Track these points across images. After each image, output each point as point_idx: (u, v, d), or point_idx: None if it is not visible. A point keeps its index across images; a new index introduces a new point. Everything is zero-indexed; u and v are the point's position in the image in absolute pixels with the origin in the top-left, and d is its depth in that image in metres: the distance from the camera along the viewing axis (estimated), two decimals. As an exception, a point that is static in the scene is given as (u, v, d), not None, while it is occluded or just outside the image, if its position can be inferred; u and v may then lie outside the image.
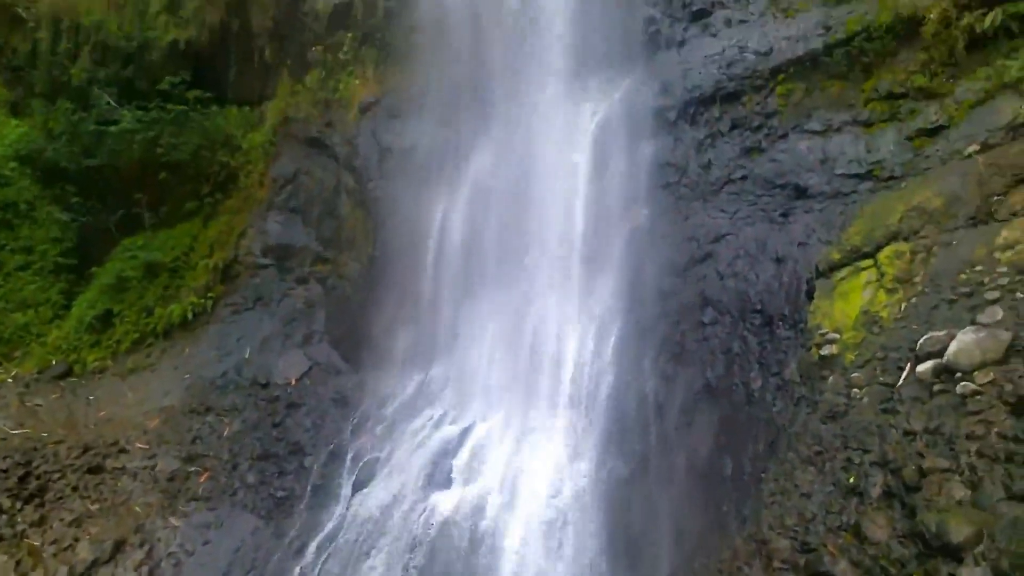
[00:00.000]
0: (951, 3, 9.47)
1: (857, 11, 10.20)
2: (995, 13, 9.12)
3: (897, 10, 9.88)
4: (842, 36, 10.17)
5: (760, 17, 10.94)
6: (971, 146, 8.77)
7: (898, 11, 9.88)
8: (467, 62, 12.23)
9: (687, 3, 11.51)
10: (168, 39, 15.81)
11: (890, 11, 9.93)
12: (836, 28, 10.24)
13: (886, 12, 9.95)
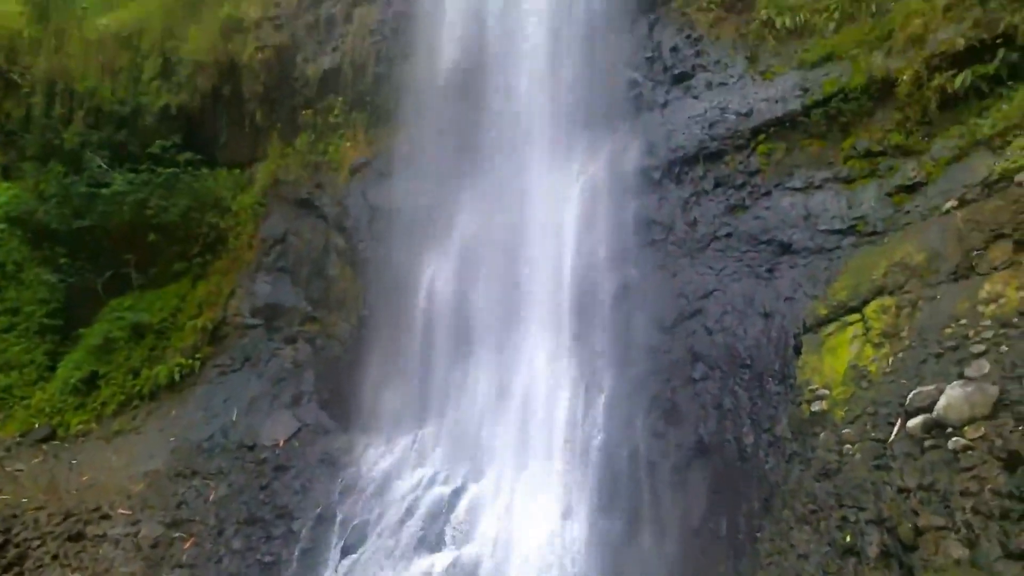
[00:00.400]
0: (922, 65, 9.75)
1: (832, 73, 10.47)
2: (964, 74, 9.40)
3: (871, 72, 10.16)
4: (819, 97, 10.41)
5: (739, 80, 11.21)
6: (949, 202, 8.90)
7: (872, 73, 10.15)
8: (456, 123, 12.41)
9: (668, 66, 11.78)
10: (160, 104, 16.02)
11: (864, 73, 10.20)
12: (813, 90, 10.49)
13: (860, 74, 10.22)
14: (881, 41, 10.29)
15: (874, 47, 10.30)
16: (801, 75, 10.72)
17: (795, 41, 11.10)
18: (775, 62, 11.09)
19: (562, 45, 11.77)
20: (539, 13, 12.01)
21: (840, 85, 10.29)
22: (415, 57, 13.13)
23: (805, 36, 11.05)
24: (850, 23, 10.84)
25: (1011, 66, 9.14)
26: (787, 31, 11.20)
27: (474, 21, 12.58)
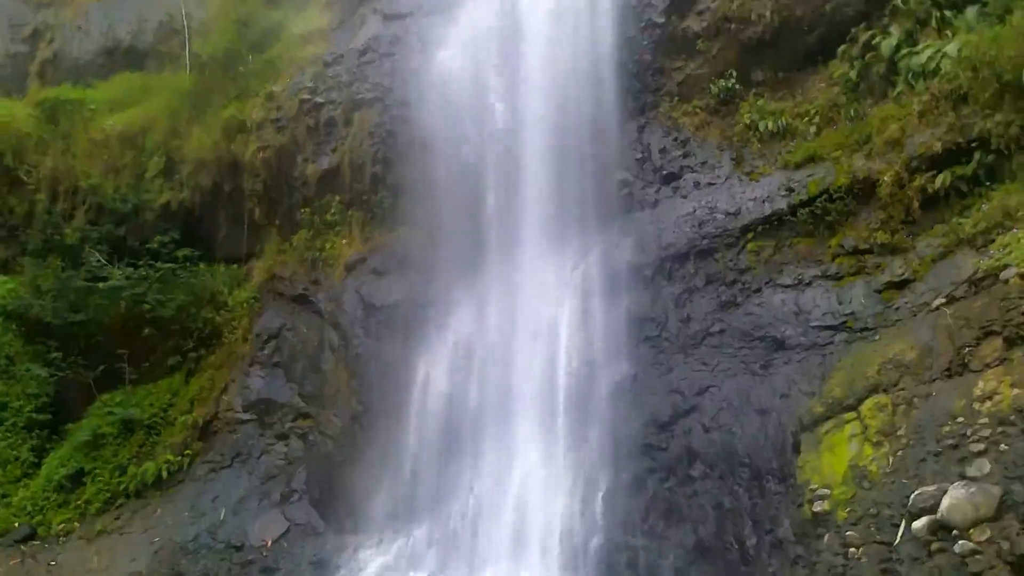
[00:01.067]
0: (902, 167, 10.02)
1: (816, 174, 10.73)
2: (944, 176, 9.65)
3: (853, 173, 10.42)
4: (805, 197, 10.64)
5: (726, 180, 11.48)
6: (938, 299, 8.95)
7: (854, 174, 10.41)
8: (450, 222, 12.58)
9: (658, 167, 12.10)
10: (162, 201, 16.22)
11: (847, 174, 10.46)
12: (798, 190, 10.73)
13: (843, 175, 10.48)
14: (861, 144, 10.61)
15: (854, 150, 10.62)
16: (786, 176, 10.98)
17: (778, 143, 11.44)
18: (760, 163, 11.39)
19: (557, 147, 12.06)
20: (539, 118, 12.36)
21: (824, 186, 10.53)
22: (412, 158, 13.40)
23: (788, 139, 11.41)
24: (830, 127, 11.21)
25: (988, 168, 9.41)
26: (770, 134, 11.56)
27: (474, 124, 12.95)
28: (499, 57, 13.09)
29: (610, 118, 12.25)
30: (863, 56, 11.08)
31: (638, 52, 12.55)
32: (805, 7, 11.61)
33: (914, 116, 10.09)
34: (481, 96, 12.94)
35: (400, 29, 14.53)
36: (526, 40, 12.92)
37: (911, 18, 10.70)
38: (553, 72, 12.44)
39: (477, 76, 13.11)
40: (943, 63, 9.93)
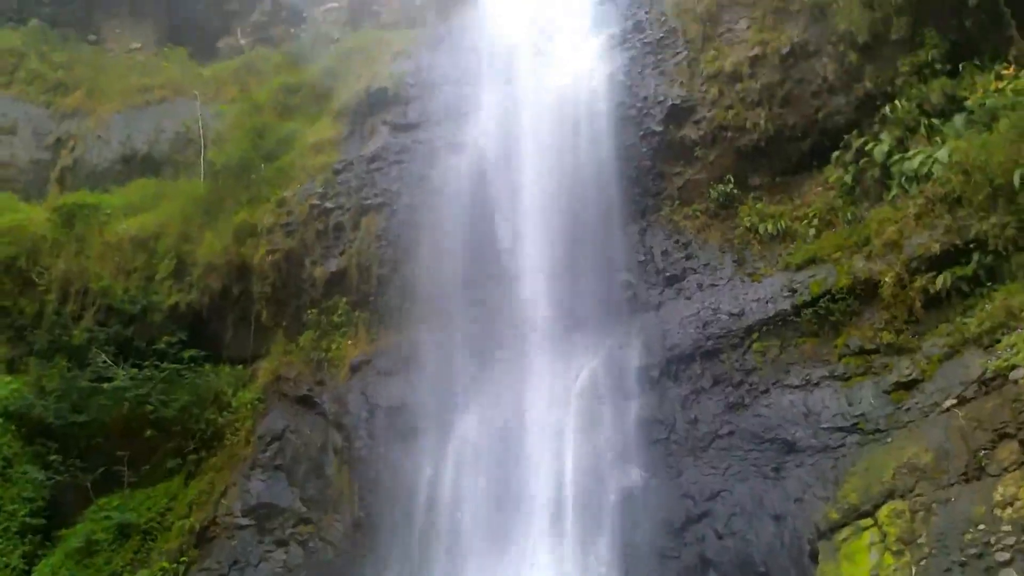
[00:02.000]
0: (902, 268, 10.02)
1: (818, 275, 10.74)
2: (944, 276, 9.63)
3: (854, 274, 10.42)
4: (807, 298, 10.61)
5: (729, 281, 11.50)
6: (948, 399, 8.76)
7: (855, 274, 10.42)
8: (456, 322, 12.54)
9: (660, 269, 12.15)
10: (170, 303, 16.19)
11: (848, 275, 10.46)
12: (801, 291, 10.71)
13: (845, 276, 10.48)
14: (860, 246, 10.67)
15: (854, 251, 10.67)
16: (788, 277, 10.99)
17: (779, 245, 11.52)
18: (761, 265, 11.43)
19: (560, 249, 12.16)
20: (541, 221, 12.50)
21: (826, 286, 10.52)
22: (419, 261, 13.50)
23: (788, 241, 11.50)
24: (829, 229, 11.32)
25: (987, 268, 9.41)
26: (770, 236, 11.67)
27: (479, 231, 13.10)
28: (502, 164, 13.40)
29: (612, 221, 12.42)
30: (857, 161, 11.32)
31: (638, 158, 12.85)
32: (797, 116, 11.96)
33: (911, 218, 10.18)
34: (485, 201, 13.13)
35: (408, 139, 14.94)
36: (528, 147, 13.27)
37: (900, 126, 10.98)
38: (555, 177, 12.71)
39: (482, 181, 13.37)
40: (935, 168, 10.12)
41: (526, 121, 13.50)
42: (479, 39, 15.45)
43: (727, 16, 12.84)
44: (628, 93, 13.05)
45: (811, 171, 12.03)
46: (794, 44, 12.02)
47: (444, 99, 14.98)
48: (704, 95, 12.50)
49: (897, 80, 11.12)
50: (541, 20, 14.96)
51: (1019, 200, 9.11)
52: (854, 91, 11.56)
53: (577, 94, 13.26)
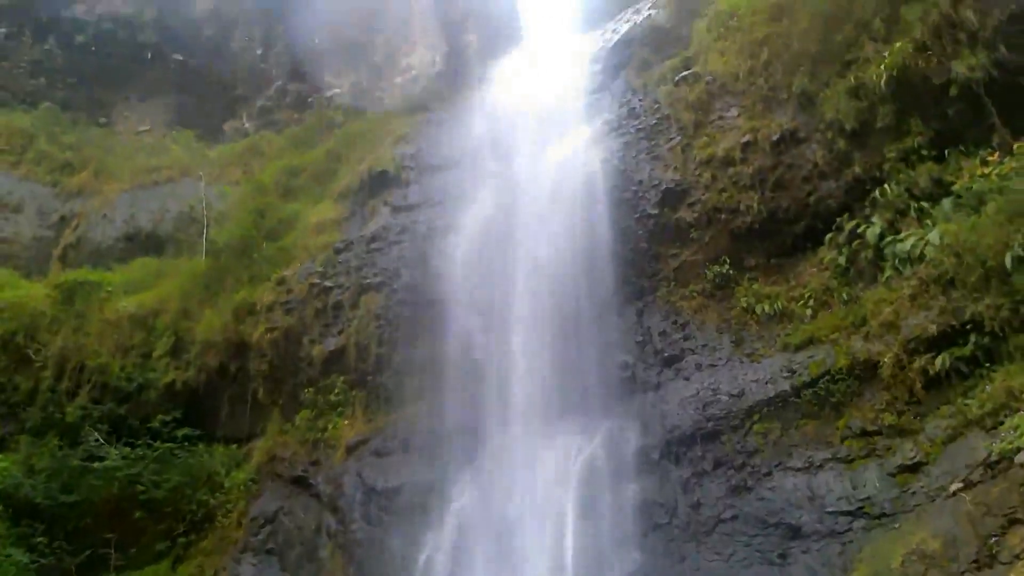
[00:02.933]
0: (900, 348, 9.94)
1: (817, 356, 10.64)
2: (943, 357, 9.54)
3: (853, 355, 10.32)
4: (807, 379, 10.48)
5: (728, 362, 11.37)
6: (955, 483, 8.54)
7: (854, 355, 10.32)
8: (454, 404, 12.32)
9: (659, 350, 12.03)
10: (167, 380, 15.95)
11: (847, 356, 10.36)
12: (800, 371, 10.59)
13: (843, 357, 10.38)
14: (857, 327, 10.61)
15: (852, 332, 10.60)
16: (787, 357, 10.88)
17: (776, 326, 11.45)
18: (760, 345, 11.33)
19: (559, 330, 12.07)
20: (539, 302, 12.45)
21: (826, 367, 10.40)
22: (417, 341, 13.37)
23: (785, 321, 11.43)
24: (825, 310, 11.27)
25: (985, 349, 9.32)
26: (767, 316, 11.61)
27: (477, 311, 13.03)
28: (500, 245, 13.46)
29: (609, 302, 12.39)
30: (850, 243, 11.36)
31: (634, 240, 12.90)
32: (790, 199, 12.08)
33: (906, 300, 10.16)
34: (484, 282, 13.12)
35: (408, 220, 15.05)
36: (526, 229, 13.36)
37: (891, 209, 11.07)
38: (553, 259, 12.75)
39: (480, 262, 13.39)
40: (927, 250, 10.14)
41: (524, 203, 13.65)
42: (478, 124, 15.79)
43: (718, 104, 13.13)
44: (623, 177, 13.22)
45: (805, 252, 12.05)
46: (784, 131, 12.23)
47: (444, 181, 15.20)
48: (698, 179, 12.65)
49: (885, 165, 11.27)
50: (538, 106, 15.30)
51: (1012, 282, 9.11)
52: (844, 176, 11.70)
53: (574, 178, 13.44)
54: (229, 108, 23.33)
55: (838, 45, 11.88)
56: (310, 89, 22.22)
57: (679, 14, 15.03)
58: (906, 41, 11.01)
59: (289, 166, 18.84)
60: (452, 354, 12.78)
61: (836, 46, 11.90)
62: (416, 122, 17.55)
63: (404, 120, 18.08)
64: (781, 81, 12.46)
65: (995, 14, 10.60)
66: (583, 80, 15.49)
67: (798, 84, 12.20)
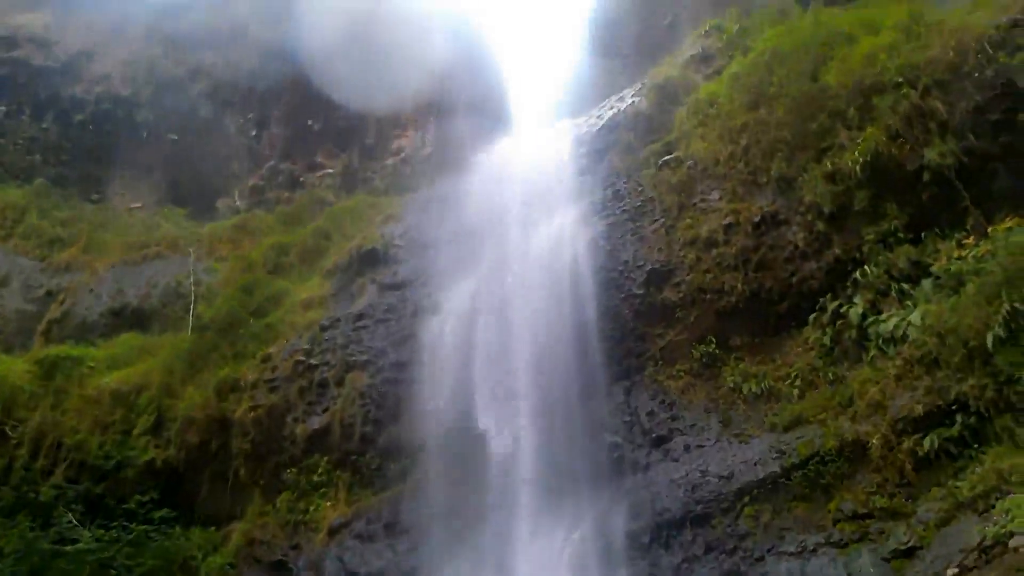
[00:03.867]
0: (888, 429, 9.82)
1: (805, 437, 10.47)
2: (931, 438, 9.42)
3: (841, 436, 10.18)
4: (797, 460, 10.29)
5: (716, 443, 11.17)
6: (950, 568, 8.30)
7: (842, 436, 10.17)
8: (438, 486, 11.97)
9: (647, 430, 11.81)
10: (146, 458, 15.43)
11: (835, 436, 10.21)
12: (789, 453, 10.40)
13: (832, 438, 10.23)
14: (844, 407, 10.51)
15: (839, 412, 10.49)
16: (775, 438, 10.71)
17: (764, 405, 11.33)
18: (748, 425, 11.17)
19: (545, 412, 11.88)
20: (526, 383, 12.34)
21: (815, 448, 10.23)
22: (402, 420, 13.08)
23: (772, 401, 11.31)
24: (812, 389, 11.18)
25: (972, 430, 9.22)
26: (754, 396, 11.50)
27: (463, 390, 12.80)
28: (487, 323, 13.37)
29: (597, 382, 12.25)
30: (833, 323, 11.38)
31: (620, 319, 12.86)
32: (773, 280, 12.15)
33: (891, 380, 10.11)
34: (470, 360, 12.96)
35: (396, 298, 14.96)
36: (513, 308, 13.31)
37: (872, 289, 11.14)
38: (539, 338, 12.67)
39: (467, 341, 13.27)
40: (910, 330, 10.18)
41: (511, 283, 13.65)
42: (467, 205, 15.94)
43: (700, 187, 13.35)
44: (610, 257, 13.29)
45: (790, 331, 12.04)
46: (764, 213, 12.42)
47: (431, 261, 15.20)
48: (682, 259, 12.74)
49: (864, 247, 11.41)
50: (525, 188, 15.53)
51: (995, 362, 9.12)
52: (824, 257, 11.82)
53: (561, 258, 13.51)
54: (222, 186, 23.47)
55: (814, 132, 12.22)
56: (302, 169, 22.49)
57: (661, 102, 15.47)
58: (879, 129, 11.37)
59: (279, 243, 18.82)
60: (437, 435, 12.48)
61: (812, 133, 12.25)
62: (406, 202, 17.72)
63: (394, 200, 18.27)
64: (760, 166, 12.73)
65: (962, 105, 11.00)
66: (570, 163, 15.79)
67: (776, 169, 12.47)
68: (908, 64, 11.44)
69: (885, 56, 11.76)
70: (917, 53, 11.49)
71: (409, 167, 20.08)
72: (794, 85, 12.71)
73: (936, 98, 11.07)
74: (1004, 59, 10.70)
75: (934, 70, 11.20)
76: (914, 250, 11.04)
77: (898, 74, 11.46)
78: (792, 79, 12.81)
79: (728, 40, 16.11)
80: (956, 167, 10.75)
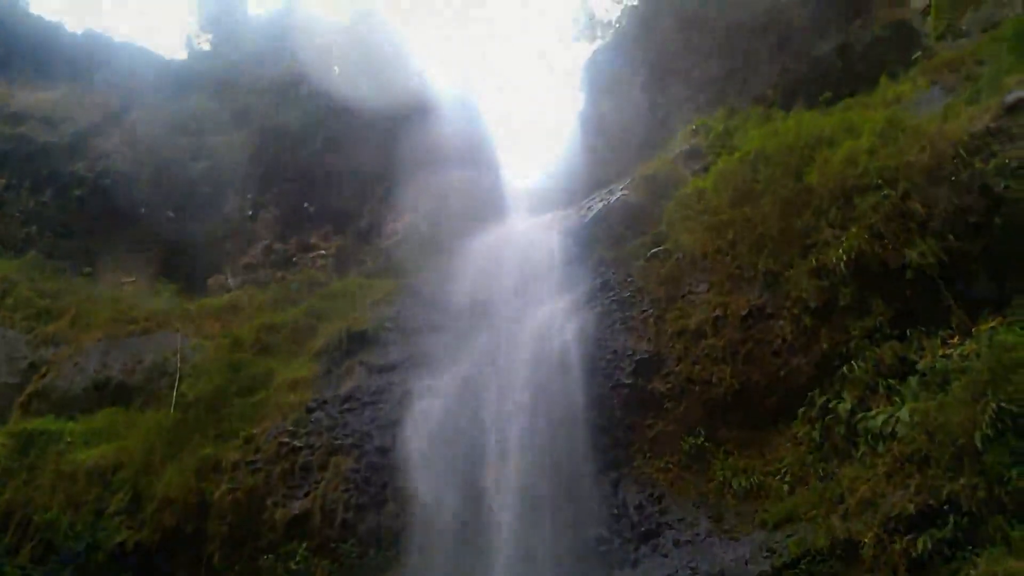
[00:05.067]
0: (880, 528, 9.53)
1: (796, 535, 10.17)
2: (924, 539, 9.15)
3: (833, 534, 9.87)
4: (788, 559, 9.94)
5: (706, 539, 10.83)
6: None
7: (834, 535, 9.86)
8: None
9: (635, 523, 11.46)
10: (117, 540, 14.76)
11: (827, 535, 9.90)
12: (780, 551, 10.08)
13: (823, 536, 9.91)
14: (835, 504, 10.25)
15: (830, 510, 10.20)
16: (766, 535, 10.41)
17: (754, 501, 11.06)
18: (737, 521, 10.87)
19: (531, 502, 11.56)
20: (511, 475, 12.04)
21: (806, 546, 9.91)
22: (386, 507, 12.68)
23: (762, 496, 11.06)
24: (802, 485, 10.93)
25: (965, 531, 8.98)
26: (744, 491, 11.24)
27: (448, 478, 12.48)
28: (474, 410, 13.18)
29: (585, 472, 11.98)
30: (823, 418, 11.23)
31: (608, 409, 12.70)
32: (760, 373, 12.10)
33: (881, 477, 9.90)
34: (456, 449, 12.70)
35: (384, 380, 14.77)
36: (501, 396, 13.16)
37: (860, 385, 11.06)
38: (527, 427, 12.46)
39: (454, 428, 13.03)
40: (899, 427, 10.04)
41: (500, 369, 13.53)
42: (457, 291, 15.99)
43: (688, 279, 13.48)
44: (598, 346, 13.25)
45: (779, 425, 11.88)
46: (752, 307, 12.49)
47: (421, 345, 15.10)
48: (671, 350, 12.72)
49: (851, 342, 11.42)
50: (516, 276, 15.64)
51: (984, 461, 8.99)
52: (812, 351, 11.81)
53: (551, 346, 13.47)
54: (215, 263, 23.53)
55: (799, 229, 12.46)
56: (296, 249, 22.63)
57: (651, 195, 15.84)
58: (861, 228, 11.58)
59: (268, 323, 18.67)
60: (421, 523, 12.05)
61: (797, 230, 12.48)
62: (398, 285, 17.75)
63: (386, 283, 18.30)
64: (747, 260, 12.89)
65: (940, 207, 11.26)
66: (560, 252, 15.97)
67: (763, 263, 12.62)
68: (887, 167, 11.78)
69: (865, 158, 12.12)
70: (896, 156, 11.85)
71: (403, 250, 20.23)
72: (779, 183, 13.03)
73: (916, 200, 11.33)
74: (979, 165, 11.05)
75: (913, 173, 11.52)
76: (900, 346, 11.03)
77: (878, 176, 11.79)
78: (777, 178, 13.15)
79: (715, 138, 16.65)
80: (938, 267, 10.90)
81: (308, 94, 24.00)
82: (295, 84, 24.60)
